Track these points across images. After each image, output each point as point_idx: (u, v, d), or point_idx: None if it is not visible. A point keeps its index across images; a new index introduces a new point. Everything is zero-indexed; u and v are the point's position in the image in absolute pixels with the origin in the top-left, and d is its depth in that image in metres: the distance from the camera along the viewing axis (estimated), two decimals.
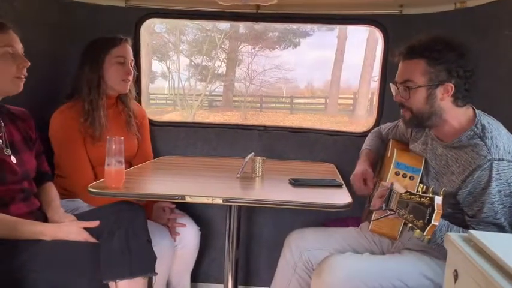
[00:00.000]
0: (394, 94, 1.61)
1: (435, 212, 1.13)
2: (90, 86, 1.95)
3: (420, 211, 1.18)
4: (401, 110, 1.61)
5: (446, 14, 2.10)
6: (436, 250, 1.48)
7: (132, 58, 2.05)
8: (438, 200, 1.14)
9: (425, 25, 2.14)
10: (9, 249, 1.44)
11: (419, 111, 1.53)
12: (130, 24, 2.32)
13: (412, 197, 1.24)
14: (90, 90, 1.95)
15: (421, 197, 1.20)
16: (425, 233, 1.14)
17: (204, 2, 2.26)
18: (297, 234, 1.87)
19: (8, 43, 1.52)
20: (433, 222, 1.13)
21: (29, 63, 1.56)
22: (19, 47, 1.56)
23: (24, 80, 1.57)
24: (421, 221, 1.16)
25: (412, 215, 1.21)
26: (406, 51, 1.55)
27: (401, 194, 1.30)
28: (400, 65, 1.58)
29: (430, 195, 1.17)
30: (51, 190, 1.78)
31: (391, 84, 1.63)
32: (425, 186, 1.23)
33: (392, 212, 1.36)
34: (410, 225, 1.22)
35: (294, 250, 1.81)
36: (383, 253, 1.76)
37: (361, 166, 1.85)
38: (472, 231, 1.00)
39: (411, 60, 1.52)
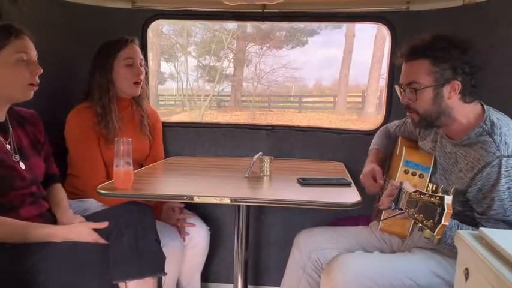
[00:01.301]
0: (400, 97, 1.59)
1: (445, 211, 1.11)
2: (100, 91, 1.97)
3: (430, 211, 1.16)
4: (408, 113, 1.59)
5: (454, 9, 2.07)
6: (447, 249, 1.46)
7: (142, 57, 2.06)
8: (448, 199, 1.13)
9: (433, 21, 2.12)
10: (20, 251, 1.45)
11: (426, 112, 1.51)
12: (137, 26, 2.34)
13: (422, 196, 1.22)
14: (101, 95, 1.97)
15: (430, 196, 1.18)
16: (435, 233, 1.13)
17: (209, 3, 2.26)
18: (306, 234, 1.86)
19: (22, 49, 1.54)
20: (443, 222, 1.11)
21: (42, 70, 1.58)
22: (33, 53, 1.58)
23: (37, 87, 1.59)
24: (431, 220, 1.14)
25: (421, 215, 1.20)
26: (408, 52, 1.52)
27: (410, 193, 1.29)
28: (403, 67, 1.56)
29: (440, 194, 1.15)
30: (59, 191, 1.79)
31: (396, 86, 1.60)
32: (434, 185, 1.21)
33: (402, 211, 1.35)
34: (420, 225, 1.21)
35: (303, 250, 1.80)
36: (393, 252, 1.75)
37: (369, 166, 1.83)
38: (482, 229, 0.99)
39: (414, 61, 1.50)
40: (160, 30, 10.71)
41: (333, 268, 1.54)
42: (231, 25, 11.20)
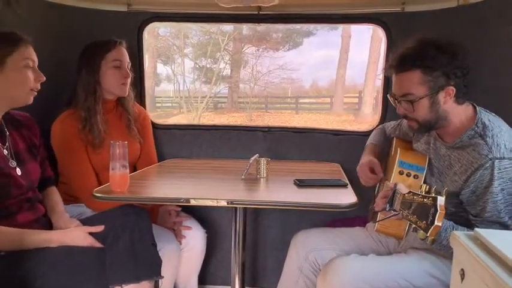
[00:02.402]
0: (395, 106, 1.57)
1: (438, 212, 1.11)
2: (86, 92, 1.95)
3: (423, 212, 1.16)
4: (407, 121, 1.59)
5: (449, 10, 2.08)
6: (443, 251, 1.46)
7: (129, 61, 2.05)
8: (441, 200, 1.13)
9: (428, 22, 2.13)
10: (16, 256, 1.45)
11: (425, 120, 1.51)
12: (133, 28, 2.33)
13: (415, 197, 1.22)
14: (86, 96, 1.95)
15: (423, 197, 1.18)
16: (428, 234, 1.13)
17: (205, 5, 2.26)
18: (303, 235, 1.86)
19: (29, 56, 1.57)
20: (436, 223, 1.11)
21: (45, 78, 1.61)
22: (36, 61, 1.61)
23: (36, 93, 1.61)
24: (424, 221, 1.14)
25: (415, 216, 1.20)
26: (397, 63, 1.50)
27: (404, 194, 1.29)
28: (394, 78, 1.54)
29: (433, 195, 1.15)
30: (54, 195, 1.79)
31: (389, 96, 1.59)
32: (428, 186, 1.21)
33: (397, 213, 1.35)
34: (414, 226, 1.21)
35: (300, 251, 1.81)
36: (390, 253, 1.75)
37: (367, 157, 1.82)
38: (477, 230, 0.99)
39: (405, 72, 1.48)
40: (156, 32, 10.70)
41: (329, 271, 1.54)
42: (228, 27, 11.20)
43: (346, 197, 1.51)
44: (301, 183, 1.67)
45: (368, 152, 1.89)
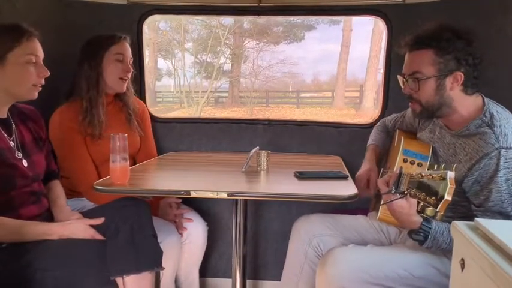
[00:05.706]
0: (402, 87, 1.58)
1: (448, 186, 1.11)
2: (88, 84, 1.95)
3: (432, 188, 1.16)
4: (410, 104, 1.59)
5: (451, 1, 2.06)
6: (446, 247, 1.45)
7: (131, 56, 2.05)
8: (451, 174, 1.12)
9: (429, 13, 2.11)
10: (16, 248, 1.45)
11: (428, 102, 1.51)
12: (132, 21, 2.33)
13: (423, 174, 1.22)
14: (88, 87, 1.95)
15: (432, 174, 1.18)
16: (438, 209, 1.12)
17: None
18: (304, 220, 1.86)
19: (33, 52, 1.55)
20: (446, 197, 1.11)
21: (49, 73, 1.59)
22: (42, 55, 1.59)
23: (40, 88, 1.60)
24: (433, 197, 1.14)
25: (424, 193, 1.19)
26: (412, 41, 1.52)
27: (412, 174, 1.28)
28: (406, 56, 1.56)
29: (442, 171, 1.15)
30: (57, 188, 1.79)
31: (398, 76, 1.60)
32: (436, 165, 1.21)
33: (403, 195, 1.34)
34: (422, 204, 1.20)
35: (303, 236, 1.80)
36: (391, 242, 1.75)
37: (367, 165, 1.83)
38: (478, 219, 0.99)
39: (418, 50, 1.50)
40: (157, 27, 10.67)
41: (327, 262, 1.54)
42: (228, 20, 11.15)
43: (347, 188, 1.51)
44: (301, 176, 1.67)
45: (369, 157, 1.89)
